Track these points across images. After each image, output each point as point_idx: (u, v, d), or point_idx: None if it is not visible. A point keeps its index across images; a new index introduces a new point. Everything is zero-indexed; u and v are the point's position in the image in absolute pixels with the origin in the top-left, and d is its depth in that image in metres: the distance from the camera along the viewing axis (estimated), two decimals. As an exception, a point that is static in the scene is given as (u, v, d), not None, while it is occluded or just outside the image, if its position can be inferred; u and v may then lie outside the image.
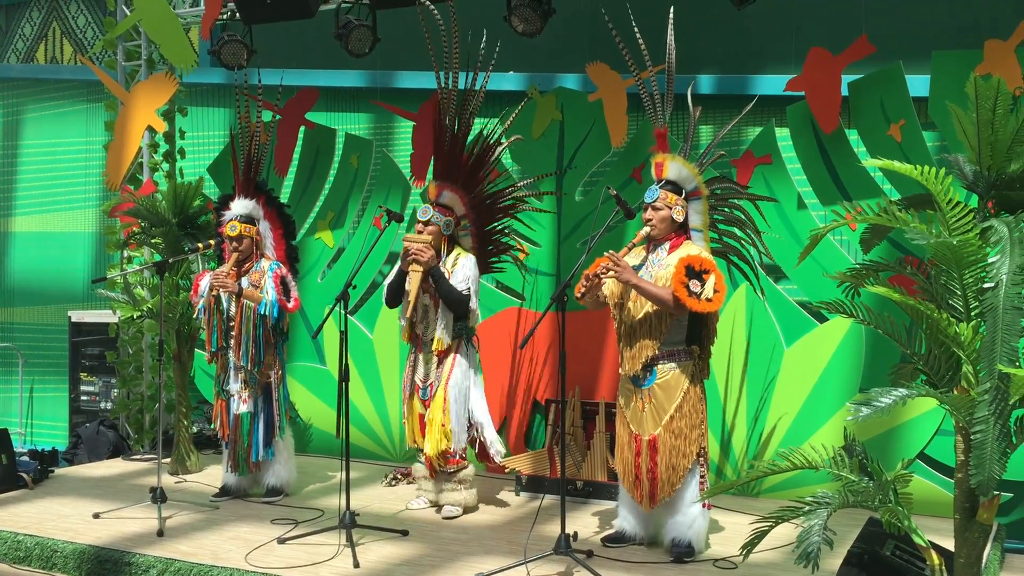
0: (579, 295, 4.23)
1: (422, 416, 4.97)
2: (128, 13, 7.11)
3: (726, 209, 4.53)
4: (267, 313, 5.24)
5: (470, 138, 5.16)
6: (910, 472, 3.05)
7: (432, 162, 5.18)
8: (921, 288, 3.07)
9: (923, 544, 2.96)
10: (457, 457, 4.95)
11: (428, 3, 5.10)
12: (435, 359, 4.95)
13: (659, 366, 4.22)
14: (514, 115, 5.46)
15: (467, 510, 5.06)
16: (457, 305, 4.84)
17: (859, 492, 2.91)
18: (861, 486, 2.93)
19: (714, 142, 4.60)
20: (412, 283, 4.81)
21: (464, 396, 4.94)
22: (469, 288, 4.87)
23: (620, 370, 4.36)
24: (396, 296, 4.99)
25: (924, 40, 5.33)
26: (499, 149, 5.32)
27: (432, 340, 4.93)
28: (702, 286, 4.05)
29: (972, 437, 2.65)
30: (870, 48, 5.08)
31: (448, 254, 4.99)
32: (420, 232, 4.92)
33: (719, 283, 4.09)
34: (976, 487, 2.67)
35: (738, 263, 4.62)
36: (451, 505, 5.01)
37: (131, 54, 7.26)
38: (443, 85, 5.08)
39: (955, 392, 2.85)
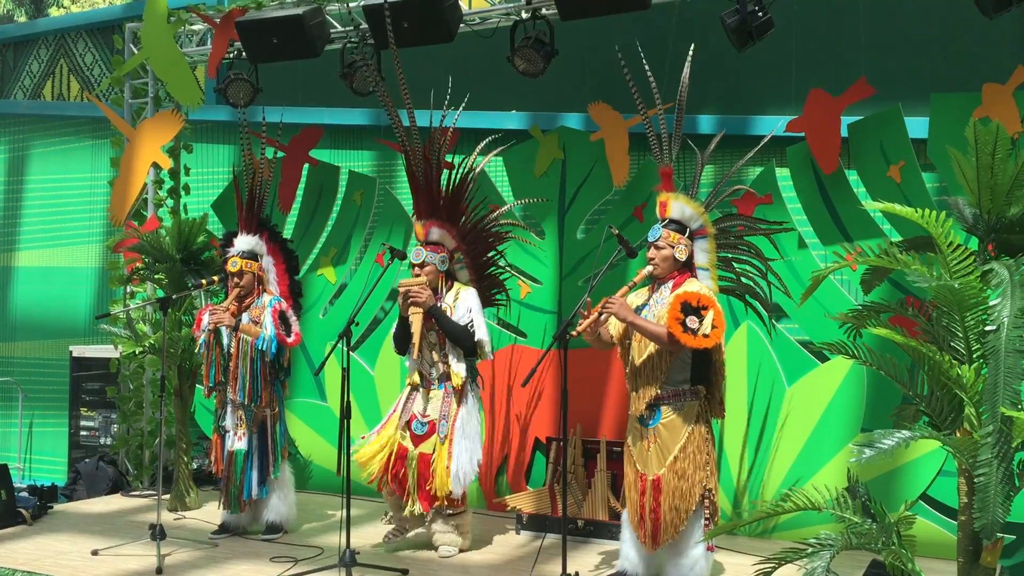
0: (576, 333, 4.23)
1: (405, 449, 4.92)
2: (135, 51, 7.20)
3: (742, 246, 4.53)
4: (264, 348, 5.24)
5: (445, 174, 5.12)
6: (913, 514, 3.04)
7: (414, 203, 5.15)
8: (923, 330, 3.08)
9: (927, 587, 2.95)
10: (458, 501, 4.90)
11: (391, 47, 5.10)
12: (441, 397, 4.93)
13: (664, 406, 4.20)
14: (490, 153, 5.46)
15: (462, 551, 5.02)
16: (462, 339, 4.85)
17: (862, 534, 2.90)
18: (864, 528, 2.92)
19: (721, 183, 4.61)
20: (415, 325, 4.82)
21: (469, 438, 4.91)
22: (472, 320, 4.87)
23: (629, 410, 4.36)
24: (404, 344, 4.98)
25: (923, 82, 5.39)
26: (472, 173, 5.20)
27: (437, 378, 4.93)
28: (700, 322, 4.04)
29: (975, 480, 2.65)
30: (870, 90, 5.13)
31: (448, 290, 5.00)
32: (417, 275, 4.94)
33: (718, 319, 4.07)
34: (980, 530, 2.66)
35: (752, 302, 4.60)
36: (447, 546, 4.97)
37: (138, 91, 7.33)
38: (399, 128, 5.08)
39: (958, 434, 2.86)
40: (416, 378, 5.00)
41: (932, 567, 3.19)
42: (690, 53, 4.51)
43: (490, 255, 5.29)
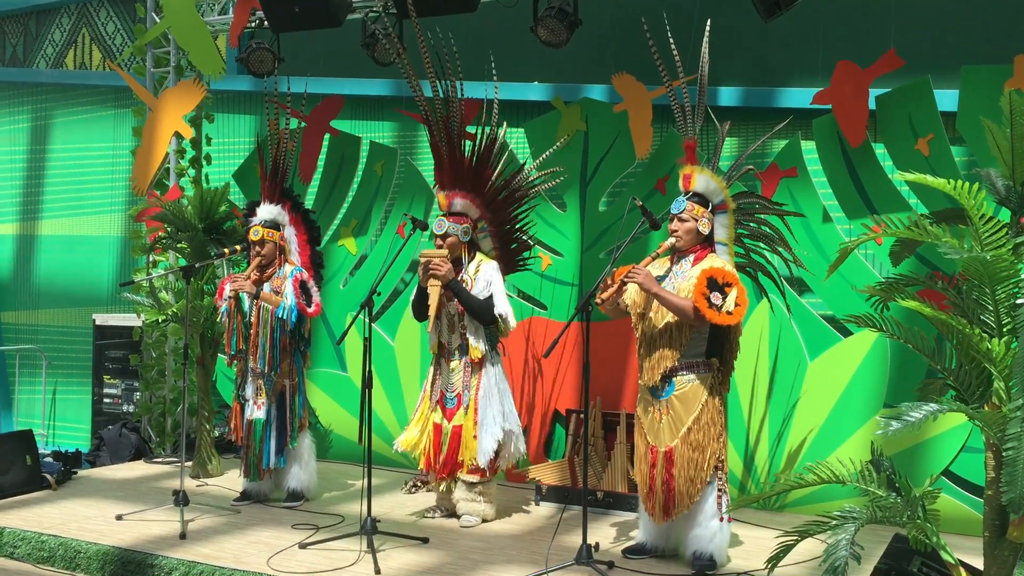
0: (600, 301, 4.22)
1: (439, 426, 4.95)
2: (158, 20, 7.19)
3: (753, 224, 4.51)
4: (285, 317, 5.26)
5: (467, 144, 5.11)
6: (938, 488, 3.03)
7: (437, 173, 5.12)
8: (952, 303, 3.05)
9: (951, 561, 2.93)
10: (482, 470, 4.93)
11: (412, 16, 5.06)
12: (463, 369, 4.94)
13: (677, 377, 4.21)
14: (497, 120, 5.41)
15: (485, 521, 5.06)
16: (481, 312, 4.85)
17: (887, 508, 2.89)
18: (889, 501, 2.90)
19: (742, 157, 4.59)
20: (432, 298, 4.82)
21: (495, 407, 4.93)
22: (492, 293, 4.87)
23: (639, 380, 4.36)
24: (421, 311, 4.98)
25: (952, 54, 5.30)
26: (498, 140, 5.20)
27: (456, 350, 4.94)
28: (723, 299, 4.04)
29: (1004, 454, 2.63)
30: (898, 62, 5.05)
31: (470, 261, 5.00)
32: (439, 246, 4.92)
33: (741, 297, 4.08)
34: (1007, 504, 2.64)
35: (762, 280, 4.59)
36: (469, 515, 5.00)
37: (160, 61, 7.33)
38: (422, 97, 5.06)
39: (986, 408, 2.83)
40: (436, 347, 5.01)
41: (954, 543, 3.17)
42: (707, 29, 4.46)
43: (514, 223, 5.26)
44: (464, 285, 4.88)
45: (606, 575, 4.06)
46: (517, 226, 5.26)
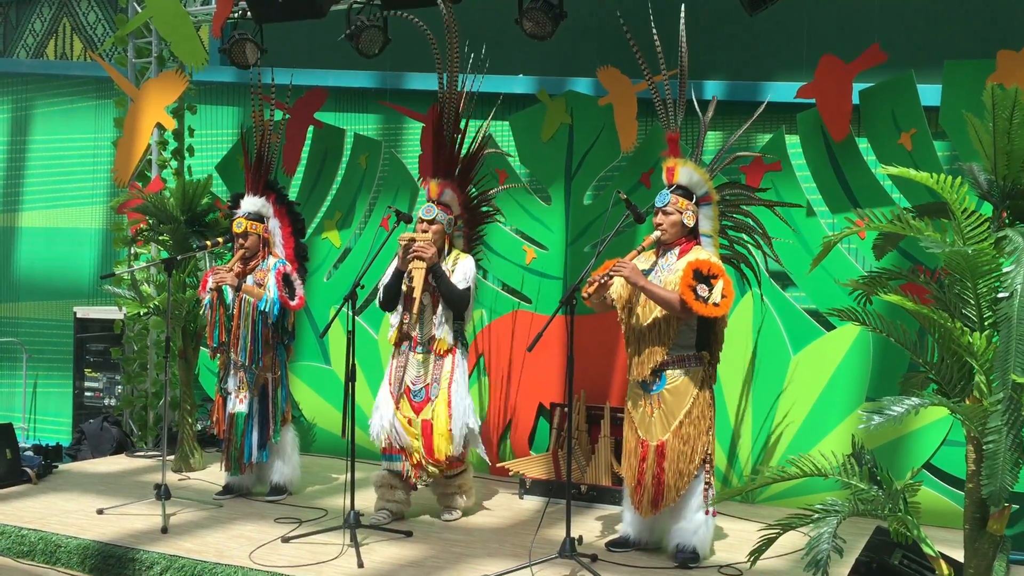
0: (586, 295, 4.23)
1: (410, 420, 4.88)
2: (139, 10, 7.12)
3: (737, 215, 4.52)
4: (267, 310, 5.22)
5: (467, 139, 5.15)
6: (919, 481, 3.04)
7: (432, 161, 5.13)
8: (934, 297, 3.06)
9: (932, 554, 2.95)
10: (456, 461, 4.92)
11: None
12: (432, 360, 4.90)
13: (668, 371, 4.21)
14: (487, 121, 5.45)
15: (466, 514, 5.04)
16: (458, 303, 4.81)
17: (868, 500, 2.90)
18: (871, 494, 2.92)
19: (724, 148, 4.59)
20: (416, 280, 4.78)
21: (465, 399, 4.92)
22: (469, 287, 4.85)
23: (629, 375, 4.35)
24: (393, 298, 4.91)
25: (936, 50, 5.33)
26: (485, 152, 5.30)
27: (430, 340, 4.88)
28: (710, 291, 4.05)
29: (984, 447, 2.64)
30: (882, 56, 5.07)
31: (448, 254, 4.98)
32: (425, 231, 4.90)
33: (727, 288, 4.09)
34: (988, 497, 2.65)
35: (745, 270, 4.60)
36: (451, 508, 4.99)
37: (141, 51, 7.27)
38: (444, 87, 5.08)
39: (967, 402, 2.84)
40: (402, 337, 4.92)
41: (935, 535, 3.19)
42: (682, 16, 4.44)
43: (479, 231, 5.29)
44: None
45: (589, 568, 4.07)
46: (478, 233, 5.29)
